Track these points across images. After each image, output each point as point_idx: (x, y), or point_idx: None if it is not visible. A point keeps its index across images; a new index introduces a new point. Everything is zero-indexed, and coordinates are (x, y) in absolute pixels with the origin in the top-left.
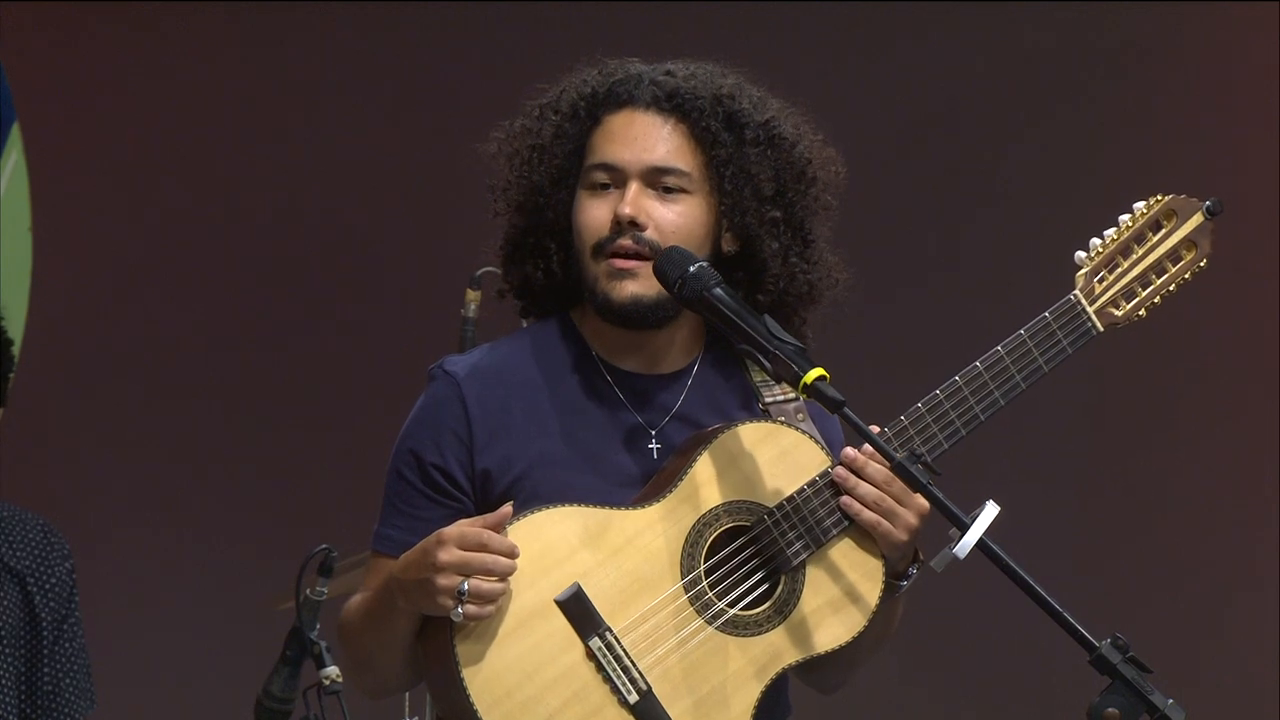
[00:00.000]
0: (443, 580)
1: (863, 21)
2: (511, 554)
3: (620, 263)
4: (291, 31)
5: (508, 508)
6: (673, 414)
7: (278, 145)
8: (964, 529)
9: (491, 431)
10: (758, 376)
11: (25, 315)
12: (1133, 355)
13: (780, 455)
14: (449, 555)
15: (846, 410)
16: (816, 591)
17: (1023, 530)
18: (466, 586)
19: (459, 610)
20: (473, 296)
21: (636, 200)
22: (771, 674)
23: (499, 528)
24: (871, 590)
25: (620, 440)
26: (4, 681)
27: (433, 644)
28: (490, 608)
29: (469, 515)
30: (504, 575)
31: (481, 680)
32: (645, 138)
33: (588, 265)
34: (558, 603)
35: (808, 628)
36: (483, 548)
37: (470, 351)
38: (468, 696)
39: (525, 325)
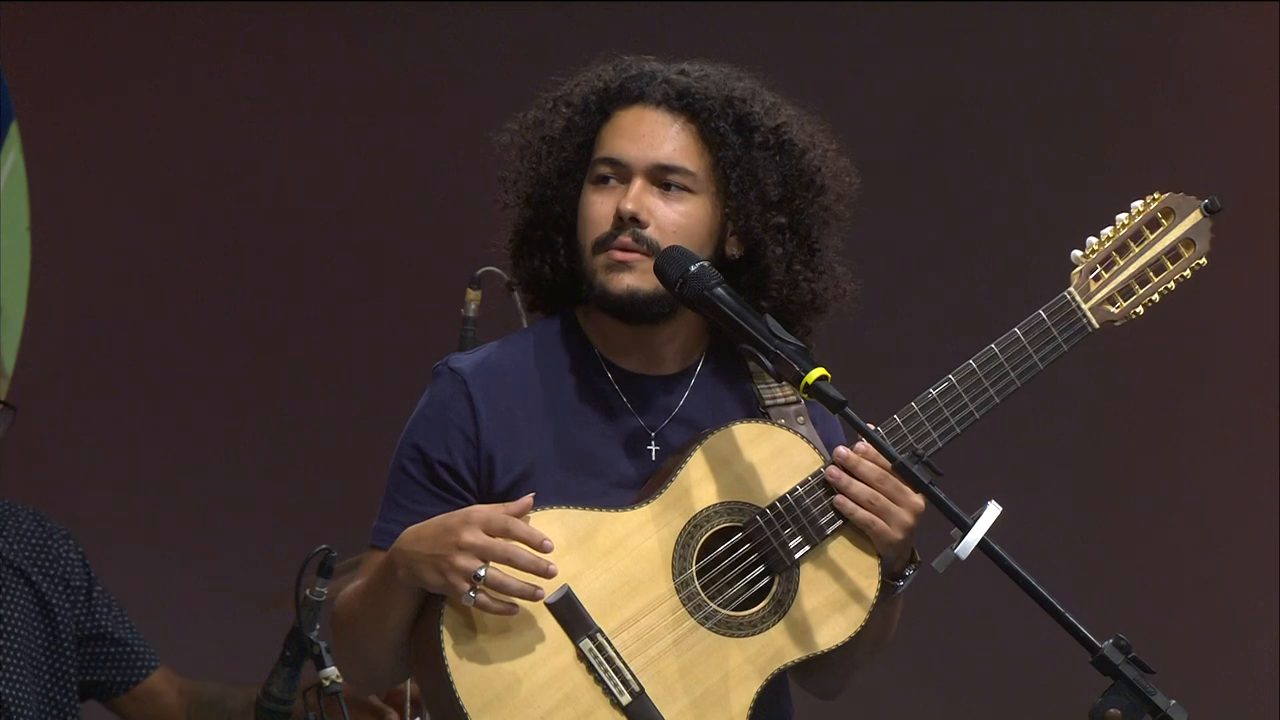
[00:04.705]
0: (462, 560)
1: (865, 21)
2: (540, 546)
3: (619, 254)
4: (292, 31)
5: (529, 499)
6: (673, 416)
7: (278, 145)
8: (966, 529)
9: (496, 430)
10: (759, 379)
11: (24, 314)
12: (1134, 356)
13: (773, 455)
14: (474, 537)
15: (848, 410)
16: (812, 591)
17: (1024, 531)
18: (484, 573)
19: (471, 594)
20: (473, 296)
21: (639, 197)
22: (767, 674)
23: (521, 517)
24: (868, 589)
25: (619, 443)
26: (20, 676)
27: (423, 647)
28: (504, 603)
29: None
30: (527, 568)
31: (471, 683)
32: (653, 135)
33: (588, 259)
34: (548, 605)
35: (804, 627)
36: (506, 534)
37: (475, 350)
38: (458, 700)
39: (526, 324)
